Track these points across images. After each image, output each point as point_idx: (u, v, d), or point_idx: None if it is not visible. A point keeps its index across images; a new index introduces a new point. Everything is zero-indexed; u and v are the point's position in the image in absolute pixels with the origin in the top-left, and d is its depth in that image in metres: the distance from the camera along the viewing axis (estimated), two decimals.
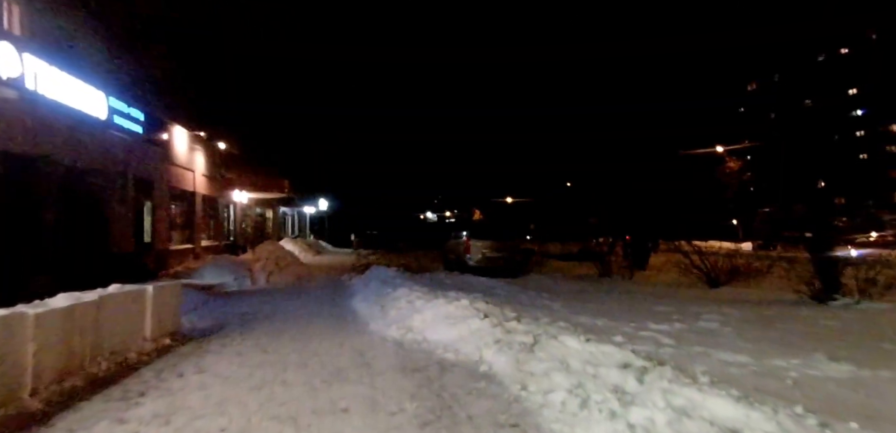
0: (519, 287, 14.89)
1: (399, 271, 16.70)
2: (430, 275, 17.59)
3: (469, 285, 14.97)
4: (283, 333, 8.15)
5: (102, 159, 13.48)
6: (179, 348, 7.13)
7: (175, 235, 19.35)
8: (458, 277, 17.50)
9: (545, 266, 23.27)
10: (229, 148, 24.83)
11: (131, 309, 6.74)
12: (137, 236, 15.54)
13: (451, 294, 9.58)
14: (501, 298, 11.12)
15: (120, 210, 14.35)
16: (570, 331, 6.49)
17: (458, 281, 16.15)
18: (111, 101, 13.41)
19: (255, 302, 12.43)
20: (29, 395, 4.76)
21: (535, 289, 14.29)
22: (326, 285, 16.61)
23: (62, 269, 11.42)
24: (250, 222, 31.74)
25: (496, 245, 19.53)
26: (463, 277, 17.39)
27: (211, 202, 23.60)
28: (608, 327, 7.77)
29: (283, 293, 14.38)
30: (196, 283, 16.00)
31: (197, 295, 13.15)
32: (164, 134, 17.58)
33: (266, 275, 18.52)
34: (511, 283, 15.87)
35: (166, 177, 17.97)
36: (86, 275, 12.45)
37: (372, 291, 12.25)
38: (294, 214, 46.88)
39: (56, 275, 11.14)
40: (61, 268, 11.43)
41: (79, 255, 12.27)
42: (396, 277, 14.71)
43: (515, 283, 16.03)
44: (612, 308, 10.42)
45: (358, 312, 10.34)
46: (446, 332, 7.00)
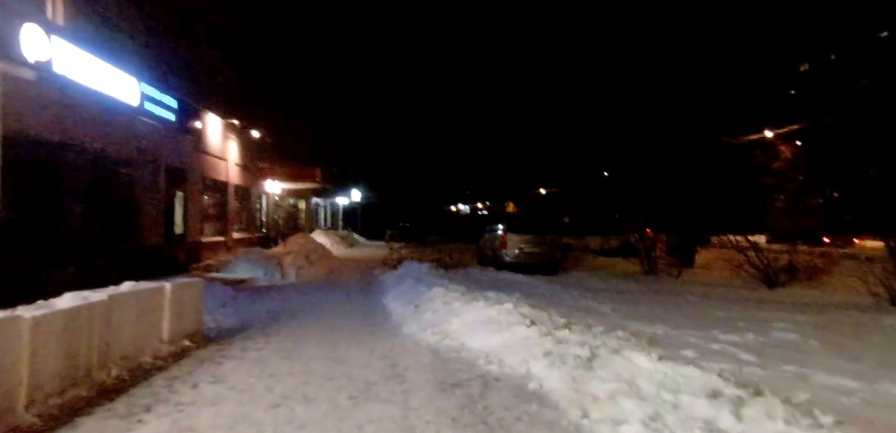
0: (560, 286, 14.05)
1: (432, 267, 16.06)
2: (464, 271, 16.89)
3: (507, 284, 14.20)
4: (309, 336, 7.55)
5: (133, 147, 13.18)
6: (198, 351, 6.58)
7: (207, 227, 19.12)
8: (493, 274, 16.75)
9: (584, 262, 22.31)
10: (262, 137, 24.54)
11: (147, 309, 6.21)
12: (168, 228, 15.28)
13: (491, 294, 8.84)
14: (544, 299, 10.33)
15: (150, 201, 14.07)
16: (632, 343, 5.67)
17: (494, 278, 15.42)
18: (143, 87, 13.09)
19: (283, 298, 11.94)
20: (24, 408, 4.23)
21: (579, 289, 13.43)
22: (358, 281, 16.08)
23: (88, 262, 11.13)
24: (283, 214, 31.57)
25: (534, 240, 18.67)
26: (499, 274, 16.64)
27: (244, 193, 23.37)
28: (670, 337, 6.91)
29: (312, 289, 13.89)
30: (226, 278, 15.67)
31: (225, 290, 12.75)
32: (197, 122, 17.28)
33: (296, 269, 18.11)
34: (551, 282, 15.05)
35: (199, 166, 17.70)
36: (113, 268, 12.18)
37: (405, 289, 11.60)
38: (326, 206, 46.80)
39: (82, 269, 10.85)
40: (88, 261, 11.13)
41: (106, 248, 11.98)
42: (430, 274, 14.06)
43: (556, 282, 15.19)
44: (668, 312, 9.51)
45: (390, 312, 9.70)
46: (488, 340, 6.27)
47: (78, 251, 10.91)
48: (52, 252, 10.17)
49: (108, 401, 4.71)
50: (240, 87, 22.39)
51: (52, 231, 10.27)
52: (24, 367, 4.20)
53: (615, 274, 18.51)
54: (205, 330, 7.82)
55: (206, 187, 18.90)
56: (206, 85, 18.52)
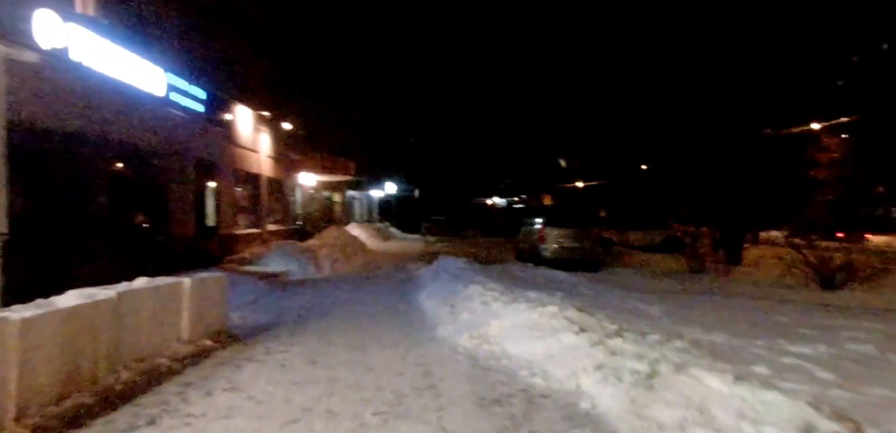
0: (603, 284, 13.26)
1: (468, 262, 15.44)
2: (501, 267, 16.22)
3: (547, 281, 13.48)
4: (338, 337, 7.05)
5: (161, 139, 12.98)
6: (219, 352, 6.14)
7: (241, 219, 18.98)
8: (531, 270, 16.03)
9: (627, 258, 21.29)
10: (295, 128, 24.35)
11: (163, 306, 5.80)
12: (199, 221, 15.11)
13: (532, 294, 8.17)
14: (588, 300, 9.58)
15: (180, 193, 13.90)
16: (695, 356, 4.94)
17: (533, 275, 14.70)
18: (170, 78, 12.85)
19: (315, 294, 11.53)
20: (13, 420, 3.81)
21: (624, 288, 12.62)
22: (392, 275, 15.59)
23: (116, 256, 10.94)
24: (317, 206, 31.47)
25: (574, 234, 17.84)
26: (537, 271, 15.90)
27: (277, 185, 23.24)
28: (733, 348, 6.11)
29: (346, 283, 13.46)
30: (260, 271, 15.42)
31: (257, 284, 12.45)
32: (227, 113, 17.10)
33: (331, 262, 17.79)
34: (593, 280, 14.24)
35: (230, 158, 17.53)
36: (143, 262, 12.00)
37: (441, 286, 11.01)
38: (362, 198, 46.68)
39: (110, 262, 10.65)
40: (115, 254, 10.94)
41: (136, 241, 11.81)
42: (466, 270, 13.45)
43: (598, 280, 14.38)
44: (724, 317, 8.64)
45: (425, 311, 9.13)
46: (531, 347, 5.62)
47: (106, 245, 10.71)
48: (78, 246, 9.97)
49: (111, 410, 4.27)
50: (272, 79, 22.20)
51: (76, 224, 10.07)
52: (11, 375, 3.78)
53: (660, 271, 17.52)
54: (230, 327, 7.42)
55: (239, 179, 18.74)
56: (237, 76, 18.32)
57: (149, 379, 5.08)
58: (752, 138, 22.53)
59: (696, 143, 26.53)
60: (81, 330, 4.54)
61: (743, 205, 20.57)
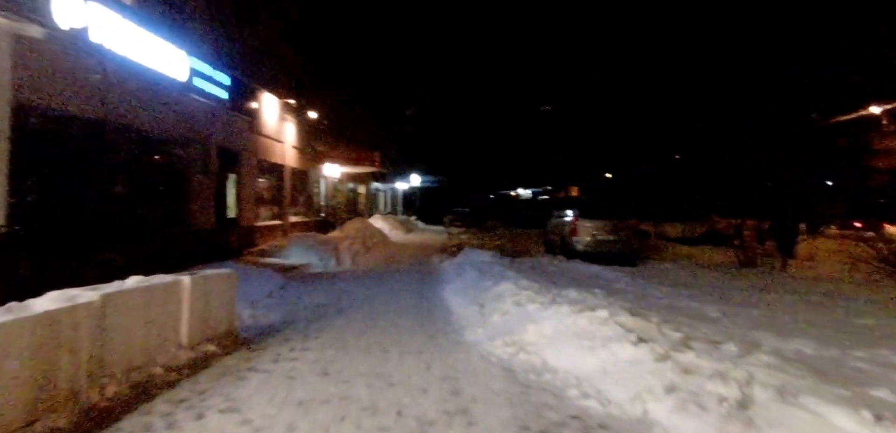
0: (644, 280, 12.31)
1: (495, 255, 14.63)
2: (530, 261, 15.39)
3: (582, 277, 12.61)
4: (355, 341, 6.33)
5: (182, 126, 12.44)
6: (223, 359, 5.47)
7: (262, 211, 18.48)
8: (564, 264, 15.16)
9: (665, 251, 20.22)
10: (320, 119, 23.78)
11: (159, 309, 5.14)
12: (220, 212, 14.60)
13: (572, 294, 7.33)
14: (633, 300, 8.70)
15: (201, 183, 13.37)
16: (796, 375, 4.05)
17: (566, 270, 13.84)
18: (193, 62, 12.30)
19: (334, 289, 10.87)
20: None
21: (668, 285, 11.65)
22: (415, 269, 14.88)
23: (133, 247, 10.44)
24: (342, 198, 30.97)
25: (609, 226, 16.85)
26: (570, 265, 15.02)
27: (301, 176, 22.72)
28: (826, 360, 5.18)
29: (367, 278, 12.79)
30: (279, 263, 14.87)
31: (275, 278, 11.86)
32: (252, 102, 16.55)
33: (352, 255, 17.15)
34: (632, 275, 13.30)
35: (254, 148, 17.00)
36: (160, 253, 11.52)
37: (467, 282, 10.24)
38: (386, 190, 46.19)
39: (125, 254, 10.14)
40: (132, 245, 10.44)
41: (153, 232, 11.29)
42: (494, 263, 12.65)
43: (637, 275, 13.42)
44: (797, 319, 7.67)
45: (451, 310, 8.37)
46: (580, 360, 4.80)
47: (120, 236, 10.20)
48: (91, 237, 9.46)
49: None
50: (298, 67, 21.65)
51: (89, 216, 9.55)
52: None
53: (704, 265, 16.44)
54: (240, 328, 6.77)
55: (262, 170, 18.21)
56: (263, 63, 17.76)
57: (138, 393, 4.42)
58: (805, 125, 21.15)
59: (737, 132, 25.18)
60: (58, 339, 3.89)
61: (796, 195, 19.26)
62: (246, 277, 11.63)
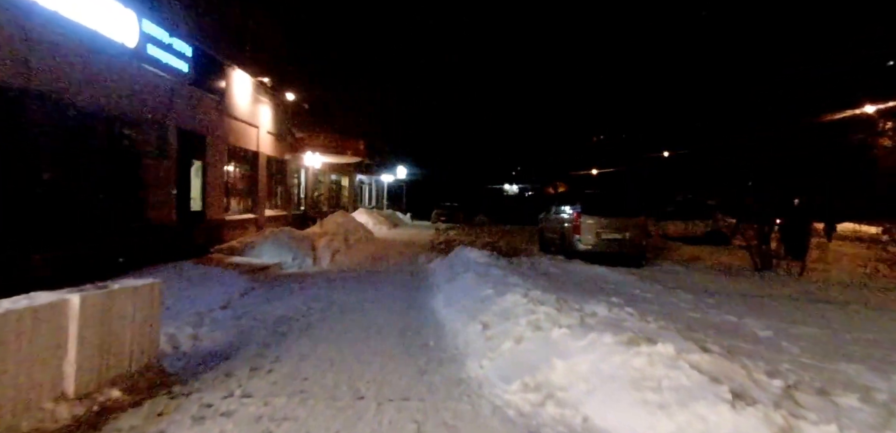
0: (659, 285, 10.86)
1: (489, 255, 13.08)
2: (528, 261, 13.88)
3: (589, 280, 11.17)
4: (319, 379, 4.75)
5: (131, 101, 10.71)
6: (120, 419, 3.83)
7: (233, 203, 16.76)
8: (564, 265, 13.70)
9: (669, 251, 18.84)
10: (300, 102, 22.03)
11: (30, 343, 3.52)
12: (182, 204, 12.88)
13: (601, 311, 5.82)
14: (649, 307, 7.25)
15: (157, 170, 11.66)
16: None
17: (569, 272, 12.38)
18: (145, 26, 10.57)
19: (305, 295, 9.26)
20: None
21: (687, 291, 10.22)
22: (401, 270, 13.30)
23: (64, 248, 8.74)
24: (324, 190, 29.27)
25: (615, 224, 15.39)
26: (571, 266, 13.56)
27: (278, 166, 20.99)
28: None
29: (346, 280, 11.19)
30: (248, 263, 13.22)
31: (239, 281, 10.23)
32: (220, 79, 14.79)
33: (331, 254, 15.52)
34: (643, 279, 11.88)
35: (222, 132, 15.25)
36: (103, 254, 9.82)
37: (463, 288, 8.67)
38: (371, 183, 44.46)
39: (53, 257, 8.45)
40: (63, 246, 8.74)
41: (92, 228, 9.57)
42: (490, 265, 11.12)
43: (649, 278, 12.00)
44: (860, 338, 6.25)
45: (444, 328, 6.81)
46: (645, 423, 3.27)
47: (47, 234, 8.49)
48: (18, 233, 7.76)
49: None
50: (274, 43, 19.87)
51: (14, 209, 7.85)
52: None
53: (716, 268, 15.05)
54: (169, 357, 5.16)
55: (233, 157, 16.49)
56: (232, 35, 16.00)
57: None
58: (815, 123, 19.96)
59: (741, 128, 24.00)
60: None
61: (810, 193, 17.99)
62: (203, 281, 10.02)
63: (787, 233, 17.17)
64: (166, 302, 7.70)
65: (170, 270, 9.82)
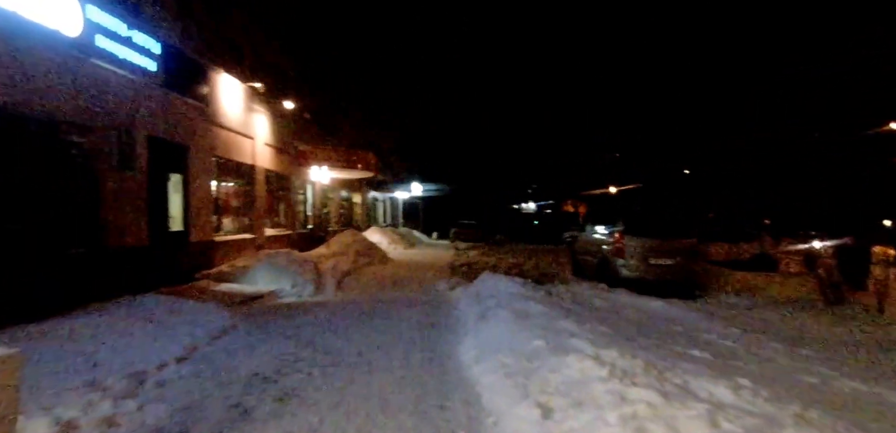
0: (737, 328, 8.70)
1: (521, 284, 10.93)
2: (566, 290, 11.71)
3: (653, 321, 9.00)
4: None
5: (80, 103, 8.81)
6: None
7: (226, 222, 14.86)
8: (608, 295, 11.54)
9: (719, 279, 16.49)
10: (301, 111, 20.19)
11: None
12: (157, 223, 10.96)
13: (728, 395, 3.68)
14: (768, 379, 5.09)
15: (120, 185, 9.75)
16: None
17: (618, 306, 10.20)
18: (89, 12, 8.67)
19: (297, 338, 7.21)
20: None
21: (777, 339, 8.03)
22: (418, 299, 11.21)
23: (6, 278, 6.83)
24: (333, 207, 27.38)
25: (663, 247, 13.24)
26: (617, 296, 11.39)
27: (280, 181, 19.12)
28: None
29: (350, 315, 9.12)
30: (237, 292, 11.27)
31: (216, 318, 8.21)
32: (202, 83, 12.94)
33: (337, 279, 13.51)
34: (711, 317, 9.72)
35: (208, 142, 13.37)
36: (41, 287, 7.91)
37: (498, 333, 6.53)
38: (385, 200, 42.59)
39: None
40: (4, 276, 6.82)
41: (22, 256, 7.62)
42: (528, 298, 9.00)
43: (719, 318, 9.83)
44: None
45: (479, 401, 4.70)
46: None
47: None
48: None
49: None
50: (273, 42, 18.06)
51: None
52: None
53: (778, 300, 12.77)
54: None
55: (223, 171, 14.60)
56: (216, 33, 14.17)
57: None
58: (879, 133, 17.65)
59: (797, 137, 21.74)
60: None
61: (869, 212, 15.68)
62: (168, 319, 7.98)
63: (847, 258, 14.81)
64: (97, 355, 5.72)
65: (125, 306, 7.83)
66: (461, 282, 13.53)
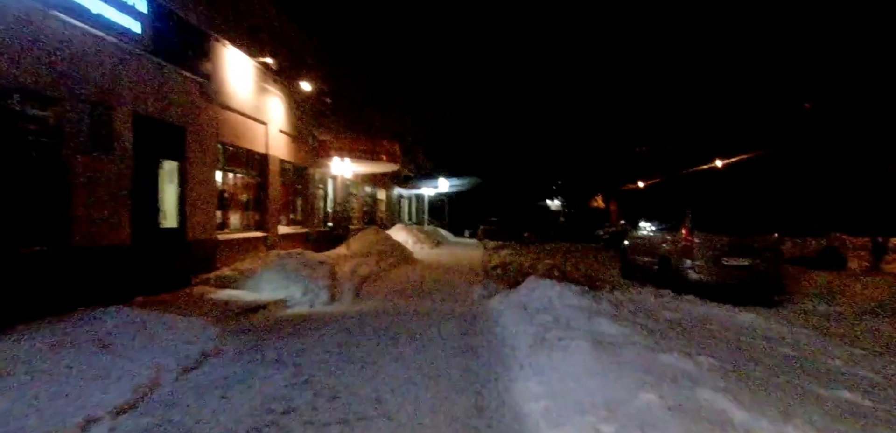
0: (861, 349, 6.63)
1: (583, 293, 8.87)
2: (627, 299, 9.62)
3: (754, 342, 6.94)
4: None
5: (45, 71, 7.17)
6: None
7: (233, 219, 13.19)
8: (679, 304, 9.41)
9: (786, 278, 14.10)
10: (322, 96, 18.46)
11: None
12: (143, 218, 9.29)
13: None
14: None
15: (95, 170, 8.09)
16: None
17: (702, 320, 8.12)
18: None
19: (296, 373, 5.37)
20: None
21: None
22: (450, 312, 9.30)
23: None
24: (356, 204, 25.66)
25: (740, 245, 11.11)
26: (689, 306, 9.29)
27: (297, 173, 17.44)
28: None
29: (368, 336, 7.24)
30: (236, 300, 9.55)
31: (197, 337, 6.47)
32: (204, 55, 11.24)
33: (356, 284, 11.70)
34: (827, 337, 7.66)
35: (212, 124, 11.69)
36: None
37: (575, 373, 4.57)
38: (411, 197, 40.85)
39: None
40: None
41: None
42: (594, 311, 7.08)
43: (833, 335, 7.77)
44: None
45: None
46: None
47: None
48: None
49: None
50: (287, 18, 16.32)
51: None
52: None
53: (870, 304, 10.51)
54: None
55: (230, 159, 12.93)
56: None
57: None
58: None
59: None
60: None
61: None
62: (130, 342, 5.90)
63: None
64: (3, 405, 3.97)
65: (81, 324, 6.08)
66: (498, 287, 11.62)
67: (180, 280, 10.18)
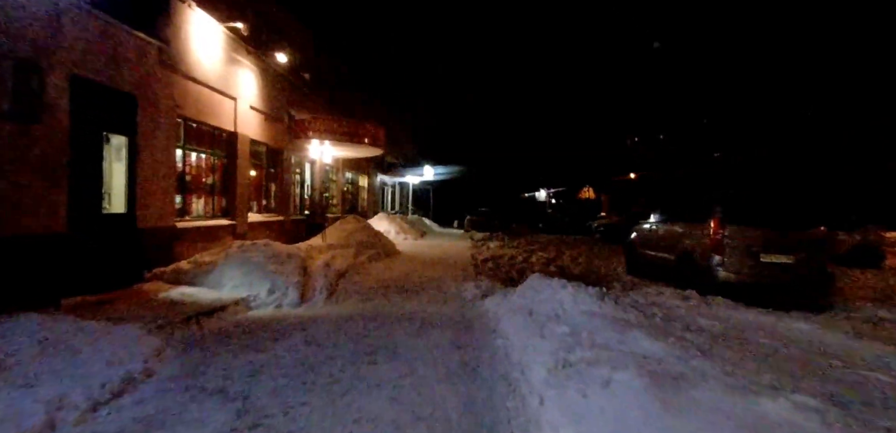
0: None
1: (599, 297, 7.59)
2: (647, 303, 8.40)
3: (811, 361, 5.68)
4: None
5: None
6: None
7: (195, 204, 11.72)
8: (712, 310, 8.18)
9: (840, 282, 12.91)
10: (298, 70, 16.96)
11: None
12: (83, 200, 7.83)
13: None
14: None
15: (16, 141, 6.61)
16: None
17: (744, 328, 6.88)
18: None
19: (242, 408, 4.02)
20: None
21: None
22: (439, 316, 7.97)
23: None
24: (336, 191, 24.18)
25: (780, 241, 9.86)
26: (724, 311, 8.07)
27: (271, 155, 15.95)
28: None
29: (340, 351, 5.90)
30: (190, 299, 8.14)
31: (130, 351, 5.07)
32: (161, 13, 9.70)
33: (330, 280, 10.31)
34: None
35: (170, 96, 10.18)
36: None
37: (622, 425, 3.33)
38: (394, 185, 39.37)
39: None
40: None
41: None
42: (617, 320, 5.91)
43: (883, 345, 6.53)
44: None
45: None
46: None
47: None
48: None
49: None
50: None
51: None
52: None
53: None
54: None
55: (191, 136, 11.44)
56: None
57: None
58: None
59: None
60: None
61: None
62: (30, 363, 4.25)
63: None
64: None
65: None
66: (492, 285, 10.38)
67: (129, 275, 8.75)
